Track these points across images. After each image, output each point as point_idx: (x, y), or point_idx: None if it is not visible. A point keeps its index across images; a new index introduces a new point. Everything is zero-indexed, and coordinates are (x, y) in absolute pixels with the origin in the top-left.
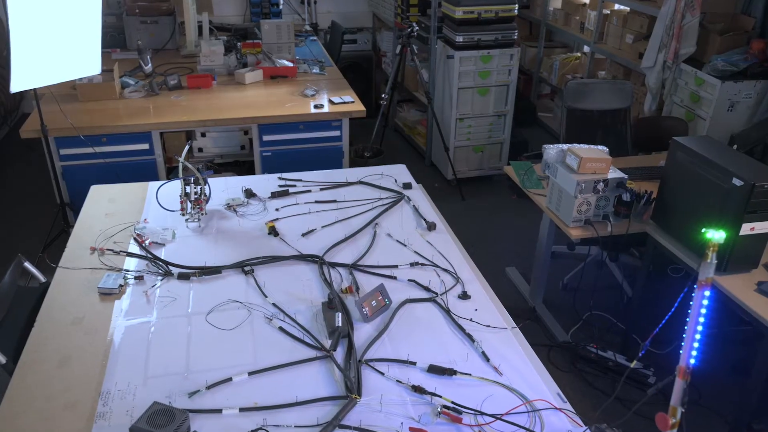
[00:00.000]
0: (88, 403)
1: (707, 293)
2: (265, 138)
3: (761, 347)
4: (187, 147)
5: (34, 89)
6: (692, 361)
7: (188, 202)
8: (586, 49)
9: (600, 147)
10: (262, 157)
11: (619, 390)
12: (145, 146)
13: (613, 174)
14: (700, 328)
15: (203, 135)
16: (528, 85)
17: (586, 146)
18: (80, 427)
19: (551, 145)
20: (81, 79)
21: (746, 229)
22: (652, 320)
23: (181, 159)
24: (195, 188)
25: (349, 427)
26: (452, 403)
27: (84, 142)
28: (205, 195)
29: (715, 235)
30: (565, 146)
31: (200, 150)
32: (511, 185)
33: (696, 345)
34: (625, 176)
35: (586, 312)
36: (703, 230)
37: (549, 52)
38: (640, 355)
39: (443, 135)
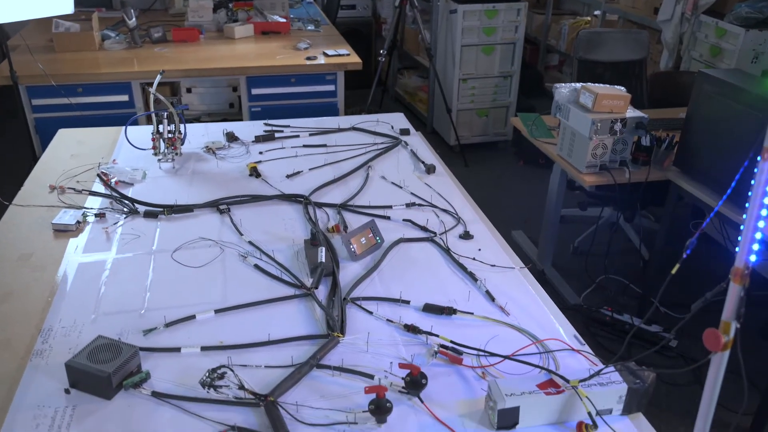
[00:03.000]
0: (25, 341)
1: None
2: (254, 92)
3: None
4: (159, 77)
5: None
6: (753, 258)
7: (161, 141)
8: (596, 12)
9: (617, 87)
10: (251, 112)
11: (633, 333)
12: (125, 98)
13: (632, 113)
14: (765, 212)
15: (189, 90)
16: (535, 54)
17: (602, 85)
18: (11, 367)
19: (563, 84)
20: (57, 28)
21: None
22: (673, 283)
23: (152, 90)
24: (169, 126)
25: (329, 367)
26: (451, 342)
27: (58, 92)
28: (180, 133)
29: None
30: (578, 85)
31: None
32: (517, 151)
33: (759, 236)
34: (645, 116)
35: (600, 275)
36: None
37: (557, 20)
38: (682, 255)
39: (445, 96)
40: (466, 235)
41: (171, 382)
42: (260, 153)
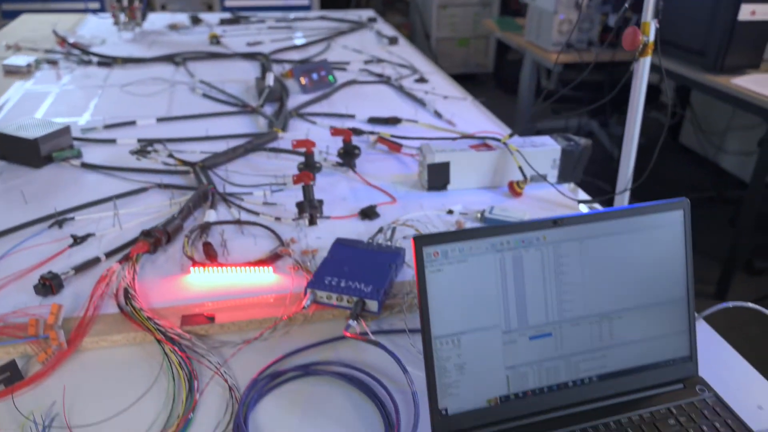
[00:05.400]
0: None
1: None
2: (228, 3)
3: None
4: None
5: None
6: None
7: (121, 11)
8: None
9: None
10: None
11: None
12: (96, 5)
13: None
14: None
15: (163, 8)
16: None
17: None
18: None
19: None
20: None
21: (746, 12)
22: (643, 182)
23: None
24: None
25: (264, 149)
26: (392, 136)
27: None
28: (140, 2)
29: None
30: None
31: None
32: (498, 83)
33: None
34: None
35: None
36: None
37: None
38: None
39: (425, 24)
40: (422, 80)
41: (103, 161)
42: (224, 31)
